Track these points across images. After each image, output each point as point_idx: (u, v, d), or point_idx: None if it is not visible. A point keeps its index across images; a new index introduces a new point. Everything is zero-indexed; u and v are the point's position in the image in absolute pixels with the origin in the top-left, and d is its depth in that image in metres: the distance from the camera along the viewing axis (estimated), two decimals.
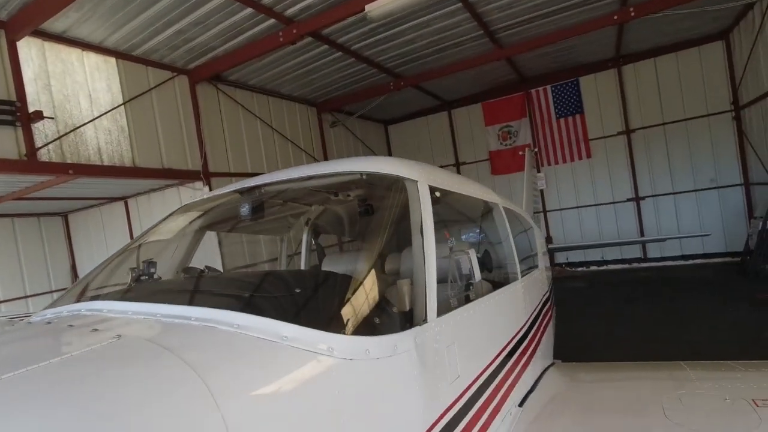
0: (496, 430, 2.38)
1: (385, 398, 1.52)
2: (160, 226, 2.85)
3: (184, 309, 1.46)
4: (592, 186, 12.74)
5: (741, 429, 2.16)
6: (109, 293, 2.12)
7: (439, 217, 2.29)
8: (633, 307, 8.15)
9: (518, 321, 3.10)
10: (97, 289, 2.16)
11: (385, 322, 1.67)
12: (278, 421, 1.17)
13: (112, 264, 2.47)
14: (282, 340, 1.33)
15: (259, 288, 1.66)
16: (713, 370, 3.13)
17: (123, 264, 2.53)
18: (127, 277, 2.57)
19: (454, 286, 2.31)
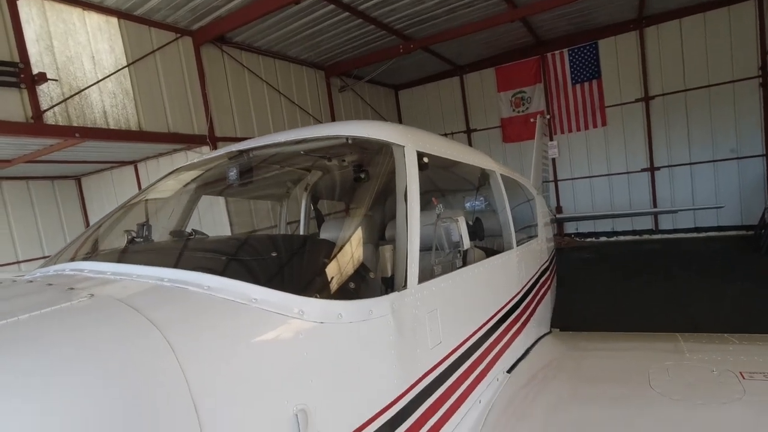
0: (481, 394, 2.42)
1: (358, 362, 1.54)
2: (156, 187, 2.87)
3: (158, 270, 1.48)
4: (606, 155, 12.41)
5: (723, 399, 2.16)
6: (96, 254, 2.16)
7: (428, 183, 2.25)
8: (639, 279, 8.10)
9: (511, 289, 3.10)
10: (88, 250, 2.20)
11: (361, 287, 1.68)
12: (243, 382, 1.20)
13: (106, 225, 2.50)
14: (251, 302, 1.34)
15: (237, 252, 1.67)
16: (707, 343, 3.12)
17: (117, 225, 2.56)
18: (123, 238, 2.62)
19: (440, 253, 2.29)
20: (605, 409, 2.29)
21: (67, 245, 2.35)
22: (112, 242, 2.62)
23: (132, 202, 2.71)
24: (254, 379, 1.21)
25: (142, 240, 2.58)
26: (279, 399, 1.25)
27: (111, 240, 2.66)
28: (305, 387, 1.33)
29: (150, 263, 1.54)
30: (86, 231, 2.45)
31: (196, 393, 1.07)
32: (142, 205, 2.68)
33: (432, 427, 1.93)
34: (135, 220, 2.68)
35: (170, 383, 1.07)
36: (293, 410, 1.28)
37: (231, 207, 8.93)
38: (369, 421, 1.54)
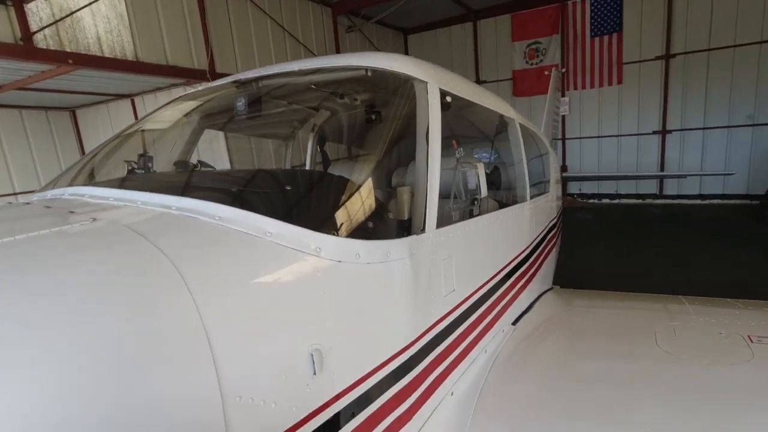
0: (487, 344, 2.41)
1: (374, 304, 1.48)
2: (156, 116, 2.70)
3: (165, 198, 1.36)
4: (618, 115, 12.06)
5: (732, 361, 2.14)
6: (95, 180, 2.04)
7: (448, 125, 2.10)
8: (639, 242, 8.10)
9: (521, 243, 3.03)
10: (86, 176, 2.08)
11: (379, 227, 1.58)
12: (257, 318, 1.12)
13: (103, 153, 2.36)
14: (266, 236, 1.24)
15: (249, 183, 1.56)
16: (711, 306, 3.10)
17: (116, 154, 2.42)
18: (122, 168, 2.50)
19: (457, 199, 2.19)
20: (610, 363, 2.28)
21: (63, 171, 2.22)
22: (110, 172, 2.49)
23: (130, 131, 2.55)
24: (270, 315, 1.14)
25: (143, 171, 2.45)
26: (295, 337, 1.19)
27: (109, 169, 2.53)
28: (320, 327, 1.26)
29: (156, 190, 1.42)
30: (83, 158, 2.31)
31: (210, 327, 0.99)
32: (141, 135, 2.53)
33: (440, 375, 1.92)
34: (134, 150, 2.54)
35: (182, 316, 0.98)
36: (309, 349, 1.22)
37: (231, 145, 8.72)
38: (381, 365, 1.50)
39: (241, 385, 1.05)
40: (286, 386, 1.15)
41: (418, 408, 1.72)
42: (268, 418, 1.11)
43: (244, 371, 1.06)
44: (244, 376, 1.06)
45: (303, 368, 1.20)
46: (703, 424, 1.77)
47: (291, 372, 1.17)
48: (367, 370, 1.44)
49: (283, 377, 1.15)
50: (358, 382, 1.40)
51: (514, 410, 1.97)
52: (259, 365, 1.09)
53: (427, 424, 1.79)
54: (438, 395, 1.91)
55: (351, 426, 1.37)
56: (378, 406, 1.50)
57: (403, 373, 1.62)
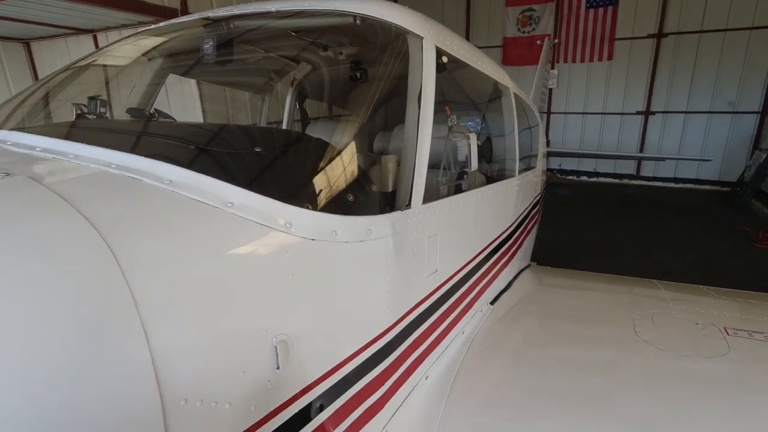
0: (465, 325, 2.31)
1: (350, 287, 1.31)
2: (113, 50, 2.35)
3: (105, 153, 1.12)
4: (605, 93, 11.95)
5: (708, 354, 2.12)
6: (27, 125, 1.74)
7: (441, 88, 1.88)
8: (613, 221, 8.20)
9: (507, 220, 2.90)
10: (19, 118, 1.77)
11: (360, 201, 1.39)
12: (208, 308, 0.93)
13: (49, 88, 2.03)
14: (226, 207, 1.03)
15: (212, 141, 1.32)
16: (688, 294, 3.09)
17: (61, 93, 2.10)
18: (69, 112, 2.19)
19: (446, 172, 2.01)
20: (589, 348, 2.23)
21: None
22: (51, 115, 2.18)
23: (81, 66, 2.20)
24: (226, 305, 0.95)
25: (94, 117, 2.15)
26: (255, 327, 1.01)
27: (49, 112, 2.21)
28: (288, 314, 1.09)
29: (95, 143, 1.17)
30: (19, 94, 1.98)
31: (148, 320, 0.80)
32: (94, 72, 2.20)
33: (416, 359, 1.80)
34: (85, 90, 2.22)
35: (111, 304, 0.79)
36: (272, 341, 1.04)
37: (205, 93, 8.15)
38: (355, 354, 1.35)
39: (187, 386, 0.87)
40: (243, 384, 0.99)
41: (391, 396, 1.61)
42: (221, 422, 0.95)
43: (191, 370, 0.88)
44: (192, 376, 0.88)
45: (264, 363, 1.03)
46: (679, 417, 1.74)
47: (250, 368, 1.00)
48: (339, 360, 1.29)
49: (239, 374, 0.98)
50: (329, 373, 1.25)
51: (489, 394, 1.89)
52: (210, 363, 0.91)
53: (399, 411, 1.69)
54: (412, 380, 1.80)
55: (318, 421, 1.23)
56: (349, 396, 1.36)
57: (378, 361, 1.49)
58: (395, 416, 1.66)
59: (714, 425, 1.70)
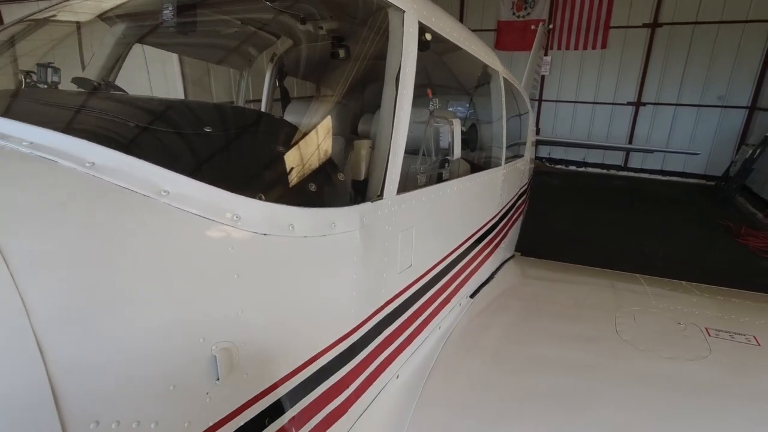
0: (442, 320, 2.22)
1: (309, 288, 1.18)
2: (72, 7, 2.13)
3: (18, 127, 0.96)
4: (597, 82, 11.82)
5: (689, 356, 2.06)
6: None
7: (424, 68, 1.74)
8: (599, 211, 8.18)
9: (490, 211, 2.80)
10: None
11: (324, 191, 1.25)
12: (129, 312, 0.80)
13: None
14: (159, 195, 0.89)
15: (155, 119, 1.16)
16: (670, 290, 3.05)
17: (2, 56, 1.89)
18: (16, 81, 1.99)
19: (426, 159, 1.88)
20: (568, 347, 2.15)
21: None
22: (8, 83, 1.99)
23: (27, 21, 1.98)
24: (149, 309, 0.82)
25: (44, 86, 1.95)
26: (190, 335, 0.88)
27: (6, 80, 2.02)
28: (233, 320, 0.96)
29: (9, 114, 1.01)
30: None
31: (40, 328, 0.67)
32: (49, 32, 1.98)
33: (387, 358, 1.70)
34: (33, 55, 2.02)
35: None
36: (212, 349, 0.92)
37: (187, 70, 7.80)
38: (316, 356, 1.24)
39: (98, 406, 0.75)
40: (173, 400, 0.86)
41: (357, 398, 1.50)
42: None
43: (103, 388, 0.75)
44: (103, 394, 0.75)
45: (201, 374, 0.91)
46: (657, 422, 1.67)
47: (182, 381, 0.87)
48: (296, 365, 1.17)
49: (168, 389, 0.85)
50: (284, 379, 1.14)
51: (461, 395, 1.80)
52: (128, 378, 0.78)
53: (366, 413, 1.59)
54: (382, 380, 1.70)
55: (272, 429, 1.12)
56: (309, 401, 1.25)
57: (343, 362, 1.38)
58: (361, 418, 1.57)
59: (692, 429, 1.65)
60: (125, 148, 0.94)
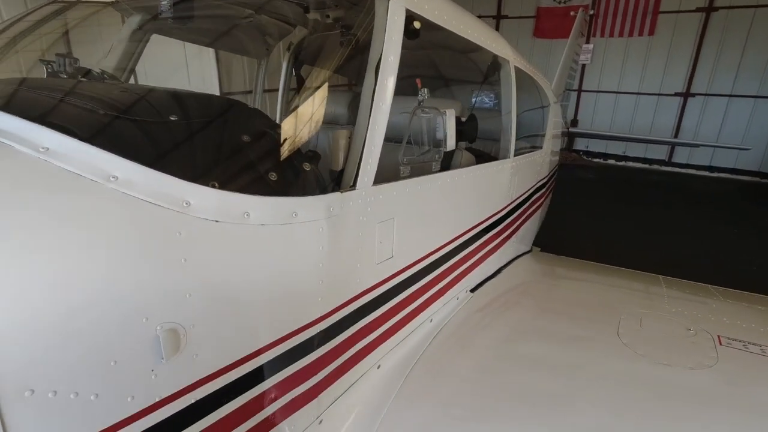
0: (434, 313, 2.20)
1: (268, 273, 1.20)
2: None
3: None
4: (642, 71, 11.16)
5: (691, 364, 1.94)
6: None
7: (414, 57, 1.71)
8: (634, 209, 7.78)
9: (496, 204, 2.73)
10: None
11: (287, 180, 1.27)
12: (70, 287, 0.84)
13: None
14: (107, 181, 0.94)
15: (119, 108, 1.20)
16: (690, 293, 2.88)
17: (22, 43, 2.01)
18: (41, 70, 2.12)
19: (414, 150, 1.85)
20: (562, 348, 2.09)
21: None
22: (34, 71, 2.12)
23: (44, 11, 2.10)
24: (89, 285, 0.86)
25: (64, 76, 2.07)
26: (131, 314, 0.92)
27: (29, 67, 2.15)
28: (179, 301, 1.00)
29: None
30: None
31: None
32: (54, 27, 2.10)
33: (365, 347, 1.71)
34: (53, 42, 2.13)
35: None
36: (156, 329, 0.96)
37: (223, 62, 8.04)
38: (273, 344, 1.26)
39: (33, 375, 0.80)
40: (115, 374, 0.91)
41: (327, 386, 1.53)
42: (86, 413, 0.88)
43: (38, 357, 0.81)
44: (40, 363, 0.81)
45: (144, 352, 0.95)
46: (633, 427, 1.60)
47: (124, 357, 0.92)
48: (251, 350, 1.20)
49: (110, 363, 0.90)
50: (239, 363, 1.18)
51: (443, 389, 1.79)
52: (67, 350, 0.84)
53: (340, 401, 1.62)
54: (360, 368, 1.72)
55: (222, 412, 1.16)
56: (267, 386, 1.29)
57: (309, 350, 1.40)
58: (334, 405, 1.60)
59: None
60: (82, 135, 0.99)
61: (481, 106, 2.82)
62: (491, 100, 2.75)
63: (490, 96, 2.75)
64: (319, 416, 1.53)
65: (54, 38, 2.10)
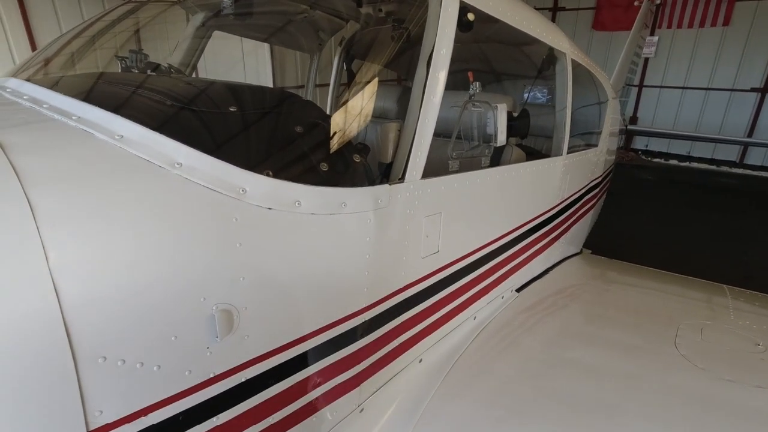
0: (478, 310, 2.17)
1: (317, 261, 1.24)
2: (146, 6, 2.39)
3: (75, 104, 1.12)
4: (714, 64, 10.34)
5: (759, 382, 1.79)
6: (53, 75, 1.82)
7: (467, 50, 1.68)
8: (697, 213, 7.24)
9: (546, 202, 2.64)
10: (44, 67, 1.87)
11: (337, 171, 1.29)
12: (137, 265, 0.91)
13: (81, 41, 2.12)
14: (172, 167, 1.00)
15: (184, 100, 1.28)
16: (760, 306, 2.65)
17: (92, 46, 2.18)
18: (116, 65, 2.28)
19: (464, 145, 1.83)
20: (612, 355, 1.99)
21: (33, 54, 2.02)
22: (109, 68, 2.29)
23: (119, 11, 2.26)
24: (154, 264, 0.93)
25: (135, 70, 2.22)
26: (190, 293, 0.98)
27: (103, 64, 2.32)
28: (233, 284, 1.05)
29: (74, 95, 1.19)
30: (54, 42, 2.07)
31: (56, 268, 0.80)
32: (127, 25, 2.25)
33: (408, 340, 1.72)
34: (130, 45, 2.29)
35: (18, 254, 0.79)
36: (212, 309, 1.02)
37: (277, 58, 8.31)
38: (321, 329, 1.30)
39: (107, 343, 0.88)
40: (174, 349, 0.98)
41: (369, 376, 1.55)
42: (148, 383, 0.95)
43: (111, 327, 0.88)
44: (111, 333, 0.88)
45: (201, 330, 1.01)
46: None
47: (183, 333, 0.98)
48: (296, 336, 1.24)
49: (171, 338, 0.97)
50: (286, 347, 1.22)
51: (485, 387, 1.77)
52: (134, 323, 0.91)
53: (381, 392, 1.64)
54: (402, 361, 1.73)
55: (269, 393, 1.21)
56: (312, 371, 1.33)
57: (352, 339, 1.43)
58: (376, 395, 1.62)
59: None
60: (152, 124, 1.06)
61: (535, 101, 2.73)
62: (545, 95, 2.65)
63: (544, 90, 2.66)
64: (361, 405, 1.56)
65: (127, 36, 2.26)
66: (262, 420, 1.23)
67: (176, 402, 1.01)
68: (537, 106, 2.84)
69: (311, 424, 1.39)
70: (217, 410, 1.11)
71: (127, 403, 0.93)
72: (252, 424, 1.20)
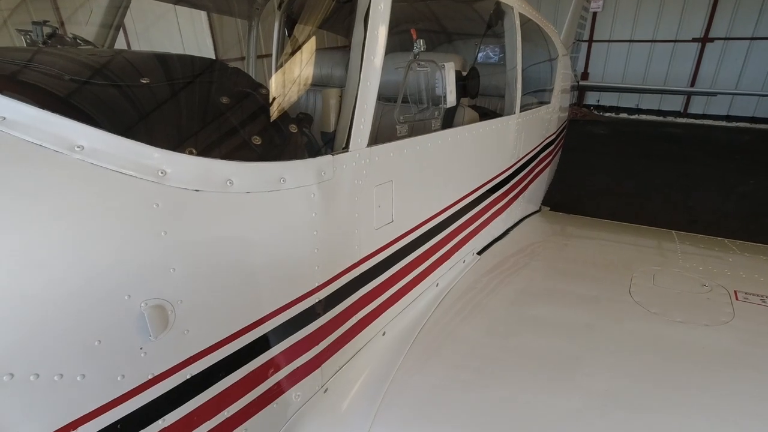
0: (440, 277, 2.15)
1: (258, 244, 1.14)
2: None
3: None
4: (658, 16, 10.58)
5: (706, 321, 1.88)
6: None
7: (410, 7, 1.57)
8: (647, 163, 7.56)
9: (502, 163, 2.62)
10: None
11: (274, 143, 1.18)
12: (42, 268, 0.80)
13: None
14: (71, 151, 0.87)
15: (93, 73, 1.12)
16: (705, 248, 2.79)
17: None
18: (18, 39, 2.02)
19: (411, 108, 1.75)
20: (569, 309, 2.03)
21: None
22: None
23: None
24: (62, 265, 0.81)
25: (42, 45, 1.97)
26: (111, 292, 0.88)
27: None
28: (161, 276, 0.95)
29: None
30: None
31: None
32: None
33: (369, 314, 1.67)
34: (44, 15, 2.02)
35: None
36: (140, 306, 0.92)
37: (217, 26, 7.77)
38: (274, 312, 1.23)
39: (12, 358, 0.77)
40: (100, 354, 0.88)
41: (330, 355, 1.50)
42: (73, 395, 0.85)
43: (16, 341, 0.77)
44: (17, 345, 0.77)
45: (130, 330, 0.91)
46: (651, 391, 1.56)
47: (109, 336, 0.88)
48: (245, 323, 1.16)
49: (94, 343, 0.87)
50: (233, 337, 1.14)
51: (452, 352, 1.76)
52: (46, 332, 0.80)
53: (344, 370, 1.60)
54: (365, 335, 1.69)
55: (223, 384, 1.14)
56: (268, 358, 1.26)
57: (309, 319, 1.36)
58: (339, 373, 1.58)
59: (690, 402, 1.51)
60: (45, 102, 0.91)
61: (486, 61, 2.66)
62: (495, 53, 2.58)
63: (494, 48, 2.58)
64: (324, 385, 1.51)
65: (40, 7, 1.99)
66: (216, 414, 1.16)
67: (110, 410, 0.92)
68: (488, 66, 2.77)
69: (273, 410, 1.33)
70: (162, 412, 1.02)
71: (48, 420, 0.83)
72: (205, 420, 1.13)
